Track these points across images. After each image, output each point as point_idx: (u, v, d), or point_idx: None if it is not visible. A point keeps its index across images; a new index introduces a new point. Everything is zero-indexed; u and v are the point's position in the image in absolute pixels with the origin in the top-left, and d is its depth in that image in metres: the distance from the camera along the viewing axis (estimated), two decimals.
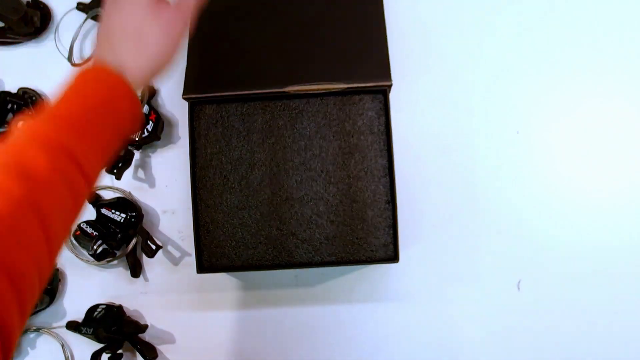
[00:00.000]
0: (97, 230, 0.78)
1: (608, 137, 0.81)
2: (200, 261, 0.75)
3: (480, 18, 0.84)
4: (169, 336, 0.82)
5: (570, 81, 0.83)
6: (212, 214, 0.77)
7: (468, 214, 0.81)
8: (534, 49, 0.83)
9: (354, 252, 0.75)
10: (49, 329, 0.82)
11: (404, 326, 0.80)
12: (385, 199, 0.75)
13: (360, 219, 0.76)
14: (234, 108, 0.73)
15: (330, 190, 0.75)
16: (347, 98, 0.73)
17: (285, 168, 0.74)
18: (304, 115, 0.73)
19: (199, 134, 0.75)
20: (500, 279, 0.80)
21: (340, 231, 0.76)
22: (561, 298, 0.79)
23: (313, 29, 0.77)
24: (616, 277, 0.79)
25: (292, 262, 0.76)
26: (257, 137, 0.74)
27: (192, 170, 0.75)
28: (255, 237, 0.76)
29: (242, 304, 0.82)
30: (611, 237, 0.80)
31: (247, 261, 0.76)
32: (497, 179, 0.81)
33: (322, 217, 0.76)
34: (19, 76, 0.85)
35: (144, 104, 0.81)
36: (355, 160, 0.74)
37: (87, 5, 0.84)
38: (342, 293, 0.81)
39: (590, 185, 0.81)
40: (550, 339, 0.79)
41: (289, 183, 0.75)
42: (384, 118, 0.74)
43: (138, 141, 0.80)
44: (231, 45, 0.77)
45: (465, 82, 0.83)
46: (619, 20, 0.83)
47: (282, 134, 0.74)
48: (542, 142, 0.82)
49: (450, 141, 0.82)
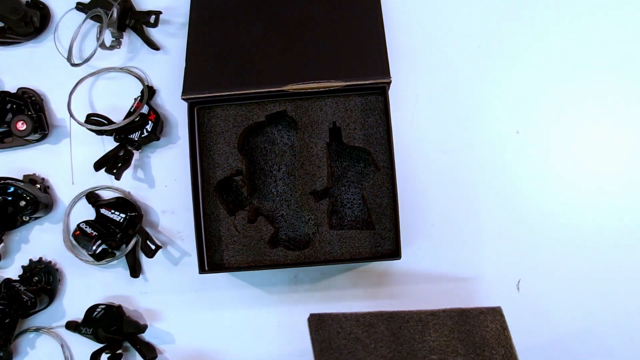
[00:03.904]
0: (96, 230, 0.78)
1: (608, 137, 0.81)
2: (202, 261, 0.75)
3: (480, 17, 0.84)
4: (169, 336, 0.82)
5: (570, 81, 0.82)
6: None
7: (468, 214, 0.80)
8: (534, 48, 0.83)
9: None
10: (48, 329, 0.82)
11: None
12: (387, 198, 0.75)
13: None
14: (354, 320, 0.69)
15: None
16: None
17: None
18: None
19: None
20: (500, 278, 0.80)
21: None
22: (561, 298, 0.79)
23: (311, 28, 0.77)
24: (617, 277, 0.79)
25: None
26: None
27: (192, 170, 0.75)
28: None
29: (242, 304, 0.81)
30: (611, 237, 0.79)
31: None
32: (497, 178, 0.81)
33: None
34: (19, 76, 0.85)
35: (144, 104, 0.81)
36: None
37: (86, 5, 0.85)
38: (342, 293, 0.81)
39: (590, 185, 0.81)
40: (550, 339, 0.79)
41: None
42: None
43: (137, 141, 0.80)
44: (230, 45, 0.77)
45: (465, 82, 0.83)
46: (619, 20, 0.83)
47: None
48: (542, 142, 0.82)
49: (450, 141, 0.82)
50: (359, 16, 0.77)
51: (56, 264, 0.83)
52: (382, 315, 0.68)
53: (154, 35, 0.86)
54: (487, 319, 0.69)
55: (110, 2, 0.81)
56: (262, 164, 0.80)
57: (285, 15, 0.78)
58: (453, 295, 0.79)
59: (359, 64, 0.74)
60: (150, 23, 0.83)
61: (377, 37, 0.75)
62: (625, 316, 0.79)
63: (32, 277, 0.81)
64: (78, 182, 0.83)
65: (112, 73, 0.85)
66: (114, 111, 0.83)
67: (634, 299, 0.79)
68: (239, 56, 0.76)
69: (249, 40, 0.77)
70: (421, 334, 0.67)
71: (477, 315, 0.69)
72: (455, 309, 0.70)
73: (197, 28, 0.79)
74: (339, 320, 0.66)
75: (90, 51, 0.82)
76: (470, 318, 0.69)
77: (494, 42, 0.84)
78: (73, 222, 0.82)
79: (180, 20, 0.86)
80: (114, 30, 0.83)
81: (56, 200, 0.84)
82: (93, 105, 0.85)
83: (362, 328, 0.66)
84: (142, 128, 0.80)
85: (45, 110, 0.85)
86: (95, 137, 0.83)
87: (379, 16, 0.77)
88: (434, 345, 0.67)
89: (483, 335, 0.68)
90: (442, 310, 0.69)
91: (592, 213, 0.80)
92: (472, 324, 0.69)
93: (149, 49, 0.85)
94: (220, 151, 0.77)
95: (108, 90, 0.85)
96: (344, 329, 0.66)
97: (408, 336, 0.67)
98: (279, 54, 0.76)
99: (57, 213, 0.84)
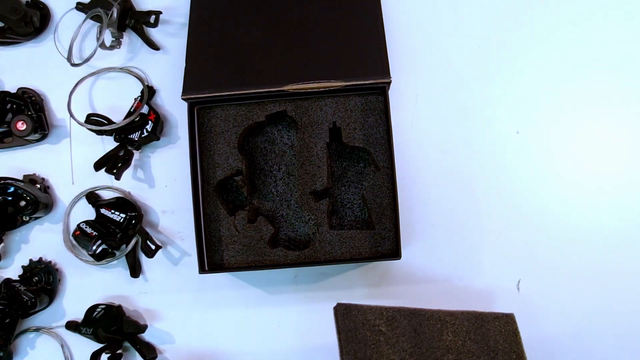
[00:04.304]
0: (96, 230, 0.78)
1: (608, 136, 0.81)
2: (202, 261, 0.75)
3: (480, 17, 0.84)
4: (169, 336, 0.82)
5: (570, 81, 0.82)
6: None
7: (468, 214, 0.80)
8: (534, 48, 0.83)
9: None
10: (48, 329, 0.82)
11: None
12: (387, 198, 0.75)
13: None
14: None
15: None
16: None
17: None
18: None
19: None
20: (500, 278, 0.80)
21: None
22: (561, 298, 0.79)
23: (311, 28, 0.77)
24: (617, 276, 0.79)
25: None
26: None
27: (192, 170, 0.75)
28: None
29: (242, 304, 0.81)
30: (611, 236, 0.79)
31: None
32: (497, 178, 0.81)
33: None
34: (19, 76, 0.85)
35: (144, 104, 0.81)
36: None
37: (86, 5, 0.85)
38: (342, 293, 0.81)
39: (590, 184, 0.81)
40: (550, 339, 0.79)
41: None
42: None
43: (137, 141, 0.80)
44: (230, 45, 0.77)
45: (465, 82, 0.83)
46: (619, 20, 0.83)
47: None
48: (542, 142, 0.82)
49: (450, 141, 0.82)
50: (359, 16, 0.77)
51: (56, 264, 0.83)
52: (404, 311, 0.69)
53: (154, 35, 0.86)
54: (500, 324, 0.71)
55: (110, 2, 0.81)
56: (262, 164, 0.80)
57: (285, 15, 0.78)
58: (453, 295, 0.79)
59: (359, 64, 0.74)
60: (150, 23, 0.83)
61: (377, 37, 0.75)
62: (625, 316, 0.79)
63: (32, 277, 0.81)
64: (78, 182, 0.83)
65: (112, 73, 0.85)
66: (114, 111, 0.83)
67: (634, 299, 0.79)
68: (239, 56, 0.76)
69: (249, 40, 0.77)
70: (439, 333, 0.69)
71: (492, 320, 0.72)
72: (472, 312, 0.72)
73: (197, 28, 0.79)
74: (364, 311, 0.68)
75: (90, 51, 0.82)
76: (485, 322, 0.71)
77: (494, 42, 0.84)
78: (73, 222, 0.82)
79: (180, 20, 0.86)
80: (114, 30, 0.83)
81: (56, 200, 0.84)
82: (93, 105, 0.85)
83: (385, 321, 0.68)
84: (142, 128, 0.80)
85: (45, 110, 0.85)
86: (95, 137, 0.83)
87: (379, 16, 0.77)
88: (450, 345, 0.69)
89: (497, 340, 0.70)
90: (460, 312, 0.71)
91: (592, 213, 0.80)
92: (487, 327, 0.71)
93: (149, 49, 0.85)
94: (220, 151, 0.77)
95: (108, 90, 0.85)
96: (369, 321, 0.67)
97: (428, 333, 0.69)
98: (279, 54, 0.76)
99: (57, 213, 0.84)
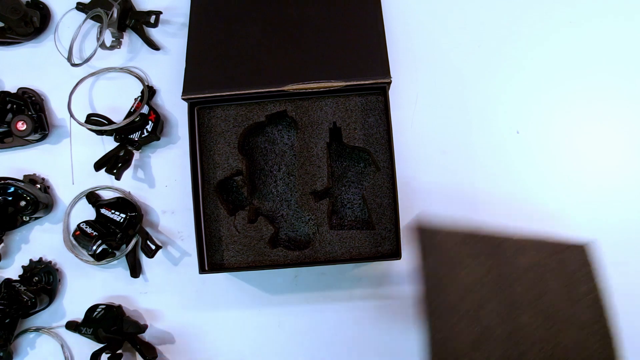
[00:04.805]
0: (96, 230, 0.78)
1: (608, 136, 0.81)
2: (202, 262, 0.75)
3: (480, 17, 0.84)
4: (169, 336, 0.82)
5: (570, 81, 0.82)
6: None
7: (468, 214, 0.80)
8: (534, 48, 0.83)
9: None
10: (48, 329, 0.82)
11: (405, 324, 0.80)
12: (387, 198, 0.75)
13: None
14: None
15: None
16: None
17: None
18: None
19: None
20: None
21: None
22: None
23: (311, 28, 0.77)
24: (617, 276, 0.79)
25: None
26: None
27: (192, 170, 0.75)
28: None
29: (242, 304, 0.81)
30: (611, 236, 0.79)
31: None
32: (497, 178, 0.81)
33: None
34: (19, 76, 0.85)
35: (144, 104, 0.81)
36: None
37: (86, 5, 0.85)
38: (342, 293, 0.81)
39: (590, 184, 0.81)
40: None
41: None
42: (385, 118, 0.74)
43: (138, 141, 0.80)
44: (230, 45, 0.77)
45: (465, 81, 0.83)
46: (619, 20, 0.83)
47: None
48: (542, 142, 0.82)
49: (450, 141, 0.82)
50: (359, 16, 0.77)
51: (56, 264, 0.83)
52: (479, 235, 0.74)
53: (154, 35, 0.86)
54: (572, 254, 0.75)
55: (110, 2, 0.81)
56: (262, 164, 0.80)
57: (285, 15, 0.78)
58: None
59: (359, 64, 0.74)
60: (150, 23, 0.83)
61: (377, 37, 0.75)
62: (625, 315, 0.78)
63: (32, 277, 0.81)
64: (78, 182, 0.83)
65: (112, 73, 0.85)
66: (114, 111, 0.83)
67: (635, 299, 0.79)
68: (239, 56, 0.76)
69: (249, 40, 0.77)
70: (514, 256, 0.73)
71: (564, 249, 0.75)
72: (544, 241, 0.76)
73: (197, 28, 0.79)
74: (444, 234, 0.73)
75: (91, 51, 0.82)
76: (556, 253, 0.75)
77: (494, 42, 0.84)
78: (73, 222, 0.82)
79: (180, 20, 0.86)
80: (114, 30, 0.83)
81: (56, 200, 0.84)
82: (93, 105, 0.85)
83: (461, 244, 0.74)
84: (142, 128, 0.80)
85: (45, 110, 0.85)
86: (95, 137, 0.83)
87: (379, 16, 0.77)
88: (524, 268, 0.73)
89: (569, 268, 0.74)
90: (532, 240, 0.75)
91: (592, 212, 0.80)
92: (559, 258, 0.74)
93: (149, 49, 0.85)
94: (220, 151, 0.77)
95: (108, 90, 0.85)
96: (452, 238, 0.73)
97: (502, 257, 0.73)
98: (279, 54, 0.76)
99: (57, 213, 0.84)
